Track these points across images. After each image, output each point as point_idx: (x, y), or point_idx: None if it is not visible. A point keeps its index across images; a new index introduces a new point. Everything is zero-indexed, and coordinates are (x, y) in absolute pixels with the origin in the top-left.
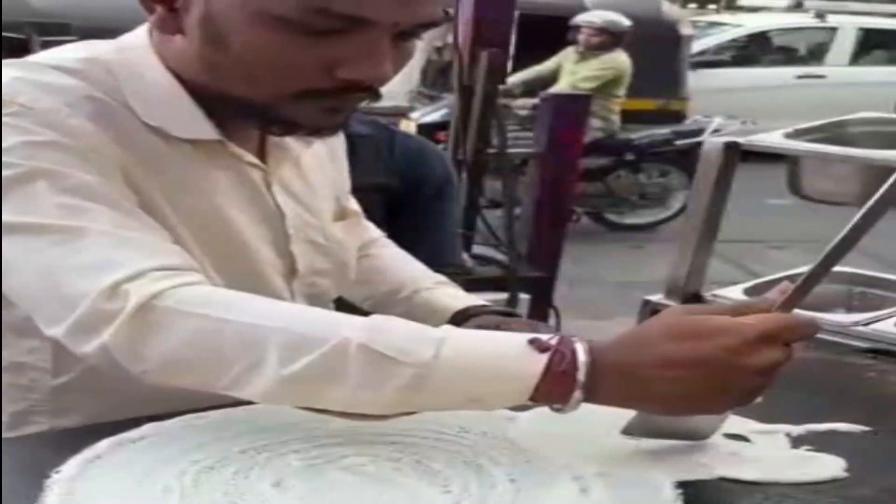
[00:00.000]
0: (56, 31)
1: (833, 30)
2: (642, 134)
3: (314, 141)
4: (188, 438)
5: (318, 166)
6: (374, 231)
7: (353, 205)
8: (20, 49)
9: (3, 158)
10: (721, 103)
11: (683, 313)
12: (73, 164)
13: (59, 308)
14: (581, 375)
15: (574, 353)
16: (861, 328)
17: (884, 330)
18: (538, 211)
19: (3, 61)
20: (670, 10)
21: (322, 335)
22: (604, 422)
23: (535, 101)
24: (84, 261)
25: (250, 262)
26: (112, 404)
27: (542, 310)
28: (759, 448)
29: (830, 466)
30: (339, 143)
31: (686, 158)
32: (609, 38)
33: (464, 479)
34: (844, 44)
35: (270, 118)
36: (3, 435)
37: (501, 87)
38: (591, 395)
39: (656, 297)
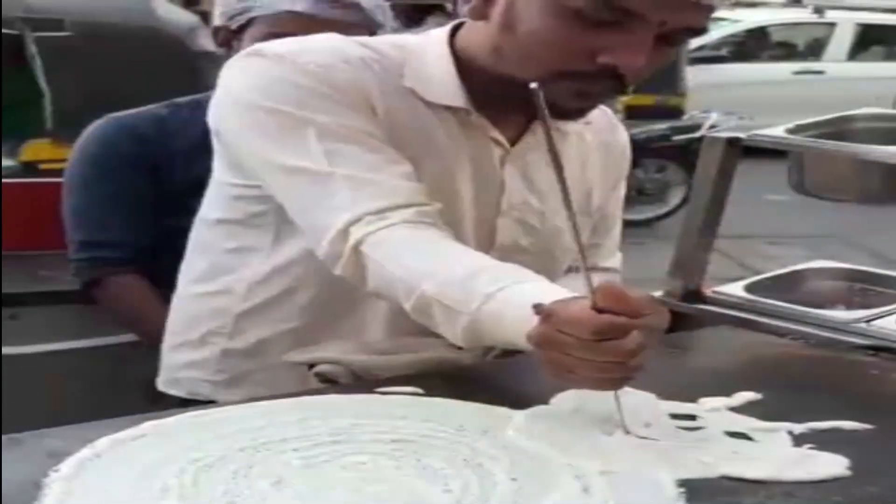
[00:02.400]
0: (50, 26)
1: (831, 25)
2: (639, 129)
3: (572, 135)
4: (187, 437)
5: (582, 163)
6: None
7: (614, 216)
8: (13, 45)
9: (282, 106)
10: (719, 99)
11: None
12: (335, 112)
13: (313, 237)
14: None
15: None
16: (862, 325)
17: (885, 327)
18: None
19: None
20: None
21: (415, 285)
22: (605, 420)
23: None
24: (329, 203)
25: (457, 217)
26: (275, 332)
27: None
28: (761, 446)
29: (833, 464)
30: (620, 157)
31: (684, 154)
32: None
33: (464, 478)
34: (843, 39)
35: (528, 96)
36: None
37: None
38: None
39: (656, 294)
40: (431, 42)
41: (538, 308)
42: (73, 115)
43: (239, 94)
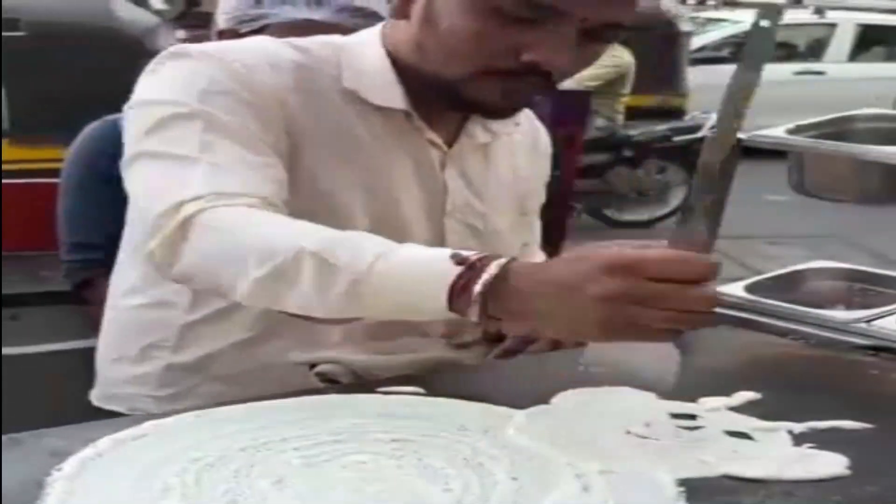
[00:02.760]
0: (6, 26)
1: (832, 26)
2: (640, 130)
3: (503, 134)
4: (188, 436)
5: (512, 164)
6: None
7: (535, 211)
8: None
9: (182, 99)
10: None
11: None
12: (236, 112)
13: (145, 217)
14: (477, 287)
15: (484, 269)
16: (862, 325)
17: (885, 327)
18: None
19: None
20: (669, 6)
21: (288, 245)
22: (605, 420)
23: None
24: (179, 183)
25: (401, 225)
26: (224, 345)
27: None
28: (761, 445)
29: (833, 464)
30: (545, 158)
31: (685, 154)
32: None
33: (465, 477)
34: (843, 40)
35: (456, 95)
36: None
37: None
38: (485, 308)
39: None
40: (366, 42)
41: (456, 256)
42: (29, 115)
43: (146, 94)
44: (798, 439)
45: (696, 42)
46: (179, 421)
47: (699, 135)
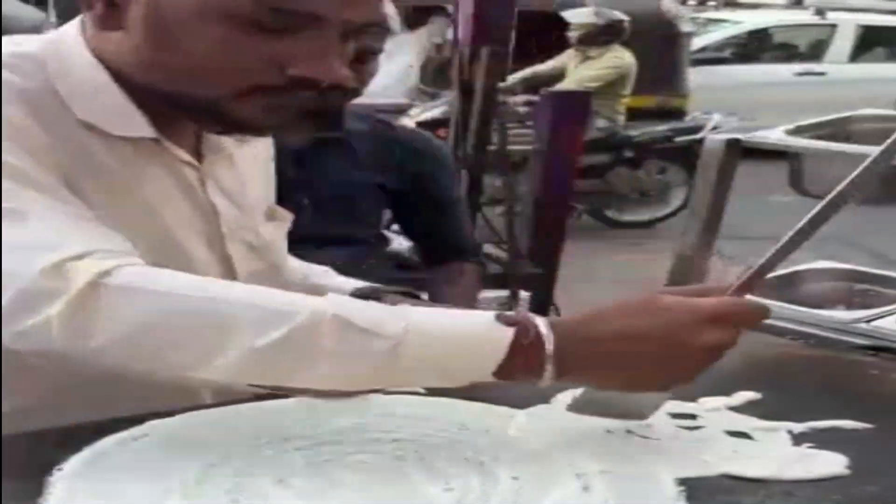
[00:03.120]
0: None
1: (833, 27)
2: (641, 131)
3: (250, 139)
4: (191, 436)
5: (253, 165)
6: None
7: (280, 207)
8: None
9: None
10: (721, 100)
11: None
12: (10, 151)
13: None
14: (549, 346)
15: (537, 327)
16: (863, 325)
17: (885, 327)
18: (539, 208)
19: None
20: (670, 6)
21: (292, 308)
22: (606, 420)
23: (532, 97)
24: (27, 240)
25: (186, 263)
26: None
27: (542, 307)
28: (761, 445)
29: (832, 463)
30: (267, 142)
31: (685, 155)
32: (601, 33)
33: (466, 476)
34: (844, 41)
35: (215, 116)
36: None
37: (501, 84)
38: (560, 368)
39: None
40: (69, 53)
41: (503, 317)
42: None
43: None
44: (798, 439)
45: (697, 43)
46: (181, 421)
47: (700, 136)
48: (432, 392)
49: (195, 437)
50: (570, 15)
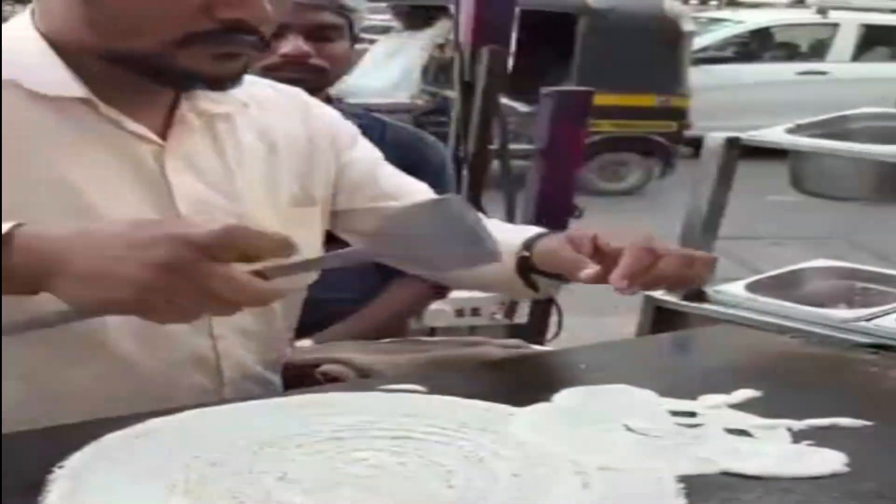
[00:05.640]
0: None
1: (835, 26)
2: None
3: (225, 109)
4: (193, 433)
5: (269, 141)
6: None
7: (326, 199)
8: None
9: None
10: (722, 100)
11: None
12: None
13: None
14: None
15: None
16: (863, 323)
17: (886, 325)
18: (540, 207)
19: None
20: (672, 6)
21: None
22: (606, 417)
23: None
24: None
25: None
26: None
27: (543, 305)
28: (760, 442)
29: (831, 461)
30: (321, 128)
31: None
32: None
33: (466, 473)
34: (846, 40)
35: (161, 70)
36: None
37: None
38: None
39: (658, 293)
40: (15, 29)
41: None
42: None
43: None
44: (797, 437)
45: (699, 42)
46: (183, 418)
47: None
48: (432, 391)
49: (197, 435)
50: None
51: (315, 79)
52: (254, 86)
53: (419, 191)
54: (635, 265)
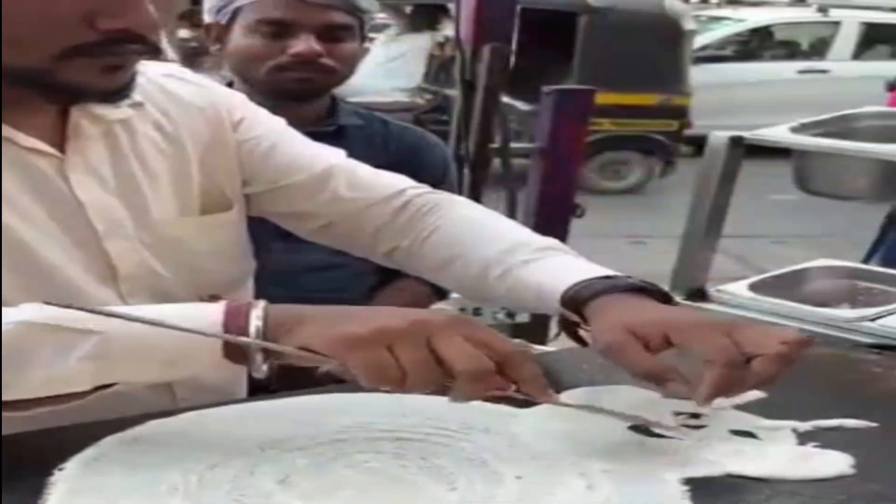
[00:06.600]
0: None
1: (836, 24)
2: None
3: (117, 115)
4: (192, 436)
5: (162, 152)
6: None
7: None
8: None
9: None
10: (723, 99)
11: None
12: None
13: None
14: (258, 310)
15: (249, 304)
16: (867, 323)
17: (890, 325)
18: (541, 205)
19: None
20: (673, 4)
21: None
22: (609, 419)
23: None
24: None
25: (42, 265)
26: None
27: None
28: (766, 444)
29: (837, 463)
30: (218, 112)
31: None
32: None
33: (469, 476)
34: (847, 38)
35: (48, 85)
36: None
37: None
38: (271, 327)
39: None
40: None
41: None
42: None
43: None
44: (803, 438)
45: (699, 41)
46: (183, 420)
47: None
48: (435, 392)
49: (197, 437)
50: None
51: (324, 78)
52: (149, 82)
53: (320, 159)
54: (722, 383)
